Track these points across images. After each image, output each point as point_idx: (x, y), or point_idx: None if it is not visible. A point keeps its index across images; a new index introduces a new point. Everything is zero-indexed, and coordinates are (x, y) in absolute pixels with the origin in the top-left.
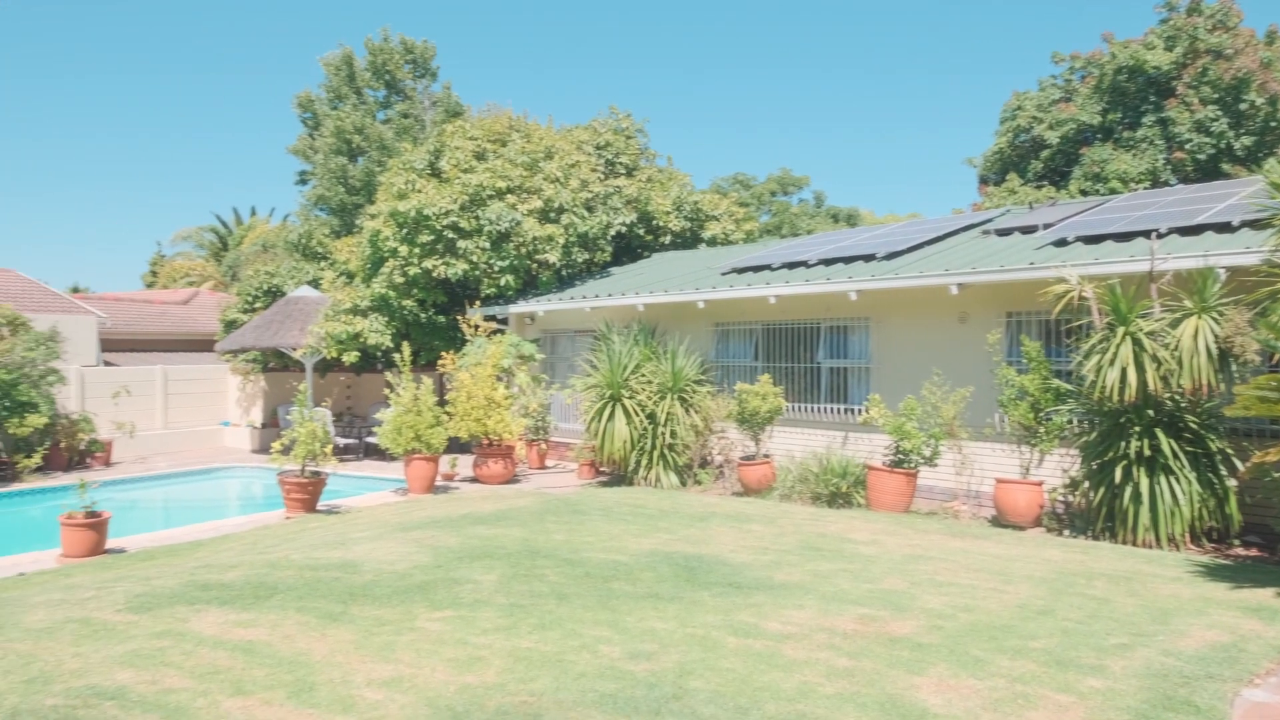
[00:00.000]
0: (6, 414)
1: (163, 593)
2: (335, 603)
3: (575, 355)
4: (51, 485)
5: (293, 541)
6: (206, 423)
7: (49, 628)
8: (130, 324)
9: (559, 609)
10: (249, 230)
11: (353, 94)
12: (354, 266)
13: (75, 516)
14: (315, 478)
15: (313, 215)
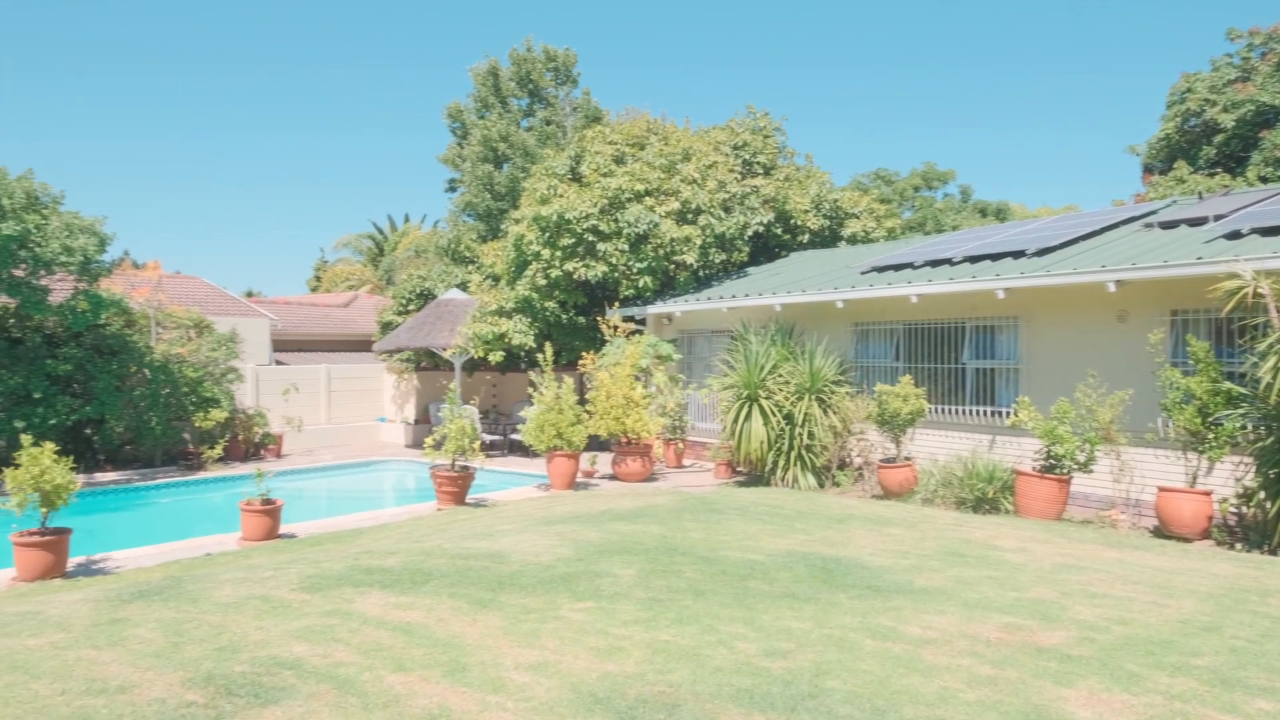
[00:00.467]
0: (194, 408)
1: (331, 575)
2: (485, 590)
3: (712, 355)
4: (231, 474)
5: (444, 532)
6: (365, 418)
7: (235, 603)
8: (297, 326)
9: (696, 605)
10: (402, 236)
11: (498, 103)
12: (499, 270)
13: (253, 503)
14: (464, 472)
15: (461, 221)
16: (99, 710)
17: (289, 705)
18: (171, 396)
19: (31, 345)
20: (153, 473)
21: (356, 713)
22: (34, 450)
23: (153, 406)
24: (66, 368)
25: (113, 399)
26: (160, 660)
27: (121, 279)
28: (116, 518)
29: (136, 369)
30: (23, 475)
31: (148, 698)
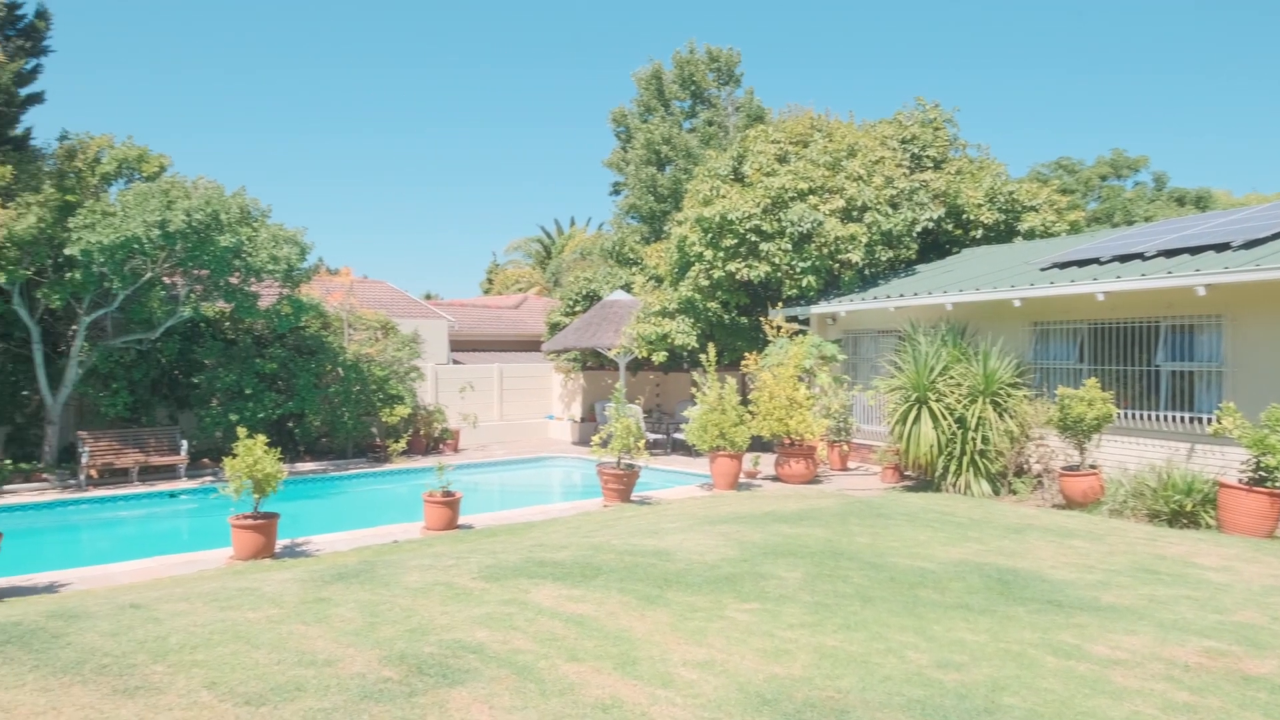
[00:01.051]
0: (380, 404)
1: (507, 566)
2: (652, 587)
3: (878, 356)
4: (413, 467)
5: (611, 528)
6: (534, 416)
7: (422, 588)
8: (472, 327)
9: (863, 611)
10: (569, 239)
11: (661, 106)
12: (662, 271)
13: (435, 495)
14: (630, 470)
15: (625, 223)
16: (309, 680)
17: (473, 687)
18: (361, 393)
19: (243, 346)
20: (345, 463)
21: (535, 698)
22: (248, 442)
23: (345, 402)
24: (272, 366)
25: (311, 395)
26: (359, 638)
27: (318, 284)
28: (315, 504)
29: (331, 368)
30: (239, 464)
31: (350, 672)
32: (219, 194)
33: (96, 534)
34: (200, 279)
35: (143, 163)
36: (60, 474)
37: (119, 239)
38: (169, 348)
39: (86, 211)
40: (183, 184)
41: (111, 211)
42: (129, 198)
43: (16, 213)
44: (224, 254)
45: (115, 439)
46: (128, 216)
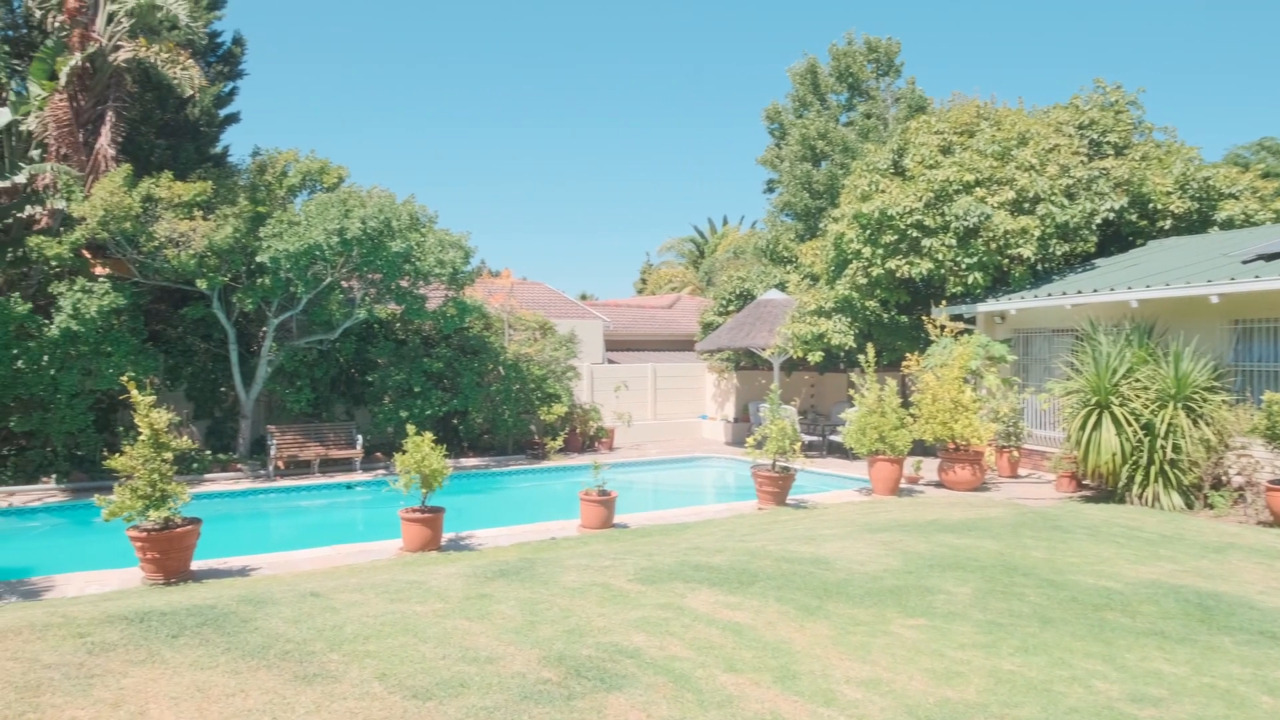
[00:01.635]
0: (539, 403)
1: (663, 569)
2: (811, 596)
3: (1052, 357)
4: (570, 464)
5: (767, 532)
6: (687, 415)
7: (579, 588)
8: (625, 326)
9: (1043, 633)
10: (722, 239)
11: (816, 100)
12: (818, 269)
13: (591, 494)
14: (785, 473)
15: (779, 221)
16: (472, 677)
17: (631, 693)
18: (521, 392)
19: (412, 346)
20: (505, 460)
21: (693, 709)
22: (416, 439)
23: (506, 401)
24: (438, 365)
25: (474, 393)
26: (519, 637)
27: (481, 286)
28: (478, 499)
29: (493, 367)
30: (407, 460)
31: (510, 670)
32: (390, 202)
33: (282, 521)
34: (374, 283)
35: (324, 174)
36: (252, 464)
37: (302, 246)
38: (346, 348)
39: (275, 221)
40: (359, 193)
41: (296, 221)
42: (311, 208)
43: (215, 224)
44: (395, 259)
45: (299, 433)
46: (310, 225)
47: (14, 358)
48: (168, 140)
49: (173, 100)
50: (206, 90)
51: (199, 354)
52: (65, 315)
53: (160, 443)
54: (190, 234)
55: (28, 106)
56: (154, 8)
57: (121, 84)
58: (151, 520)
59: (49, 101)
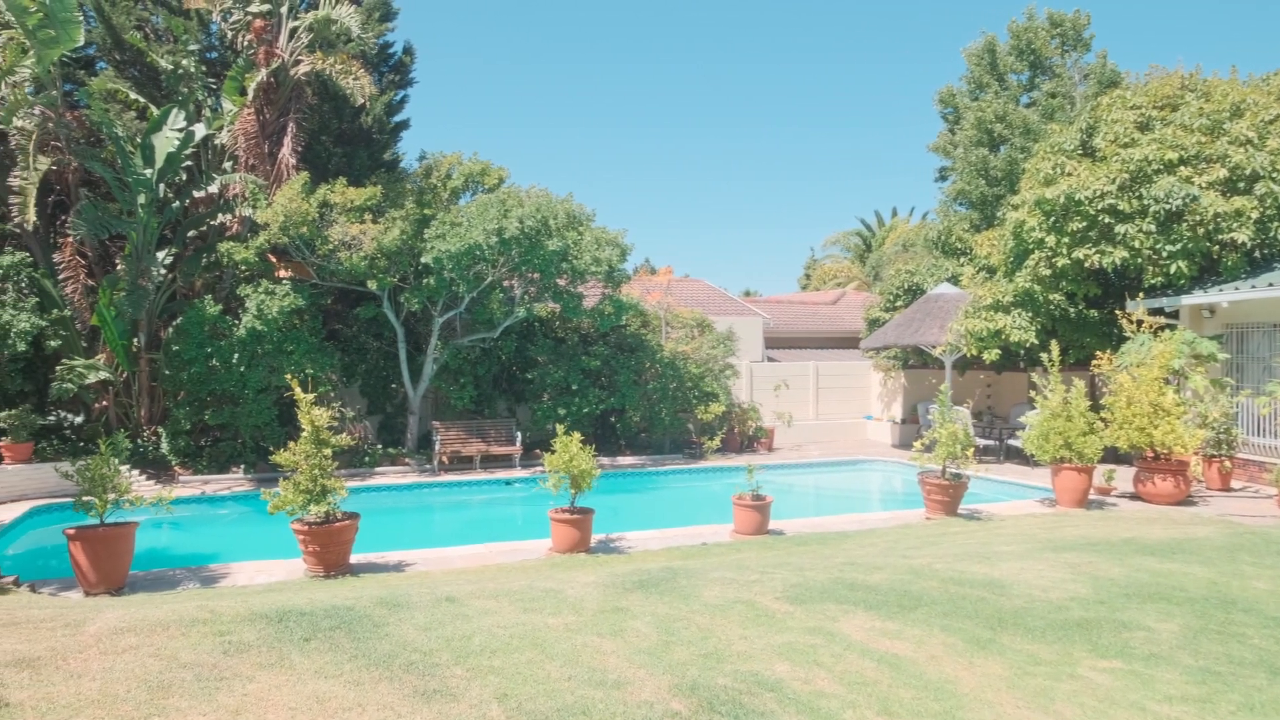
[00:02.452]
0: (696, 402)
1: (814, 586)
2: (982, 626)
3: (1273, 355)
4: (727, 465)
5: (934, 547)
6: (851, 415)
7: (721, 606)
8: (787, 324)
9: (1273, 688)
10: (890, 231)
11: (994, 81)
12: (994, 261)
13: (744, 498)
14: (956, 481)
15: (952, 211)
16: (596, 703)
17: None
18: (678, 390)
19: (571, 344)
20: (662, 459)
21: None
22: (565, 438)
23: (663, 399)
24: (596, 363)
25: (631, 391)
26: (651, 659)
27: (638, 284)
28: (632, 498)
29: (650, 365)
30: (556, 460)
31: (637, 699)
32: (548, 201)
33: (442, 516)
34: (533, 281)
35: (485, 176)
36: (418, 459)
37: (463, 246)
38: (507, 346)
39: (438, 223)
40: (517, 193)
41: (458, 222)
42: (472, 209)
43: (384, 227)
44: (552, 257)
45: (462, 429)
46: (471, 226)
47: (208, 356)
48: (344, 148)
49: (348, 110)
50: (378, 99)
51: (372, 352)
52: (250, 316)
53: (320, 439)
54: (360, 237)
55: (220, 121)
56: (329, 21)
57: (301, 96)
58: (312, 514)
59: (239, 116)
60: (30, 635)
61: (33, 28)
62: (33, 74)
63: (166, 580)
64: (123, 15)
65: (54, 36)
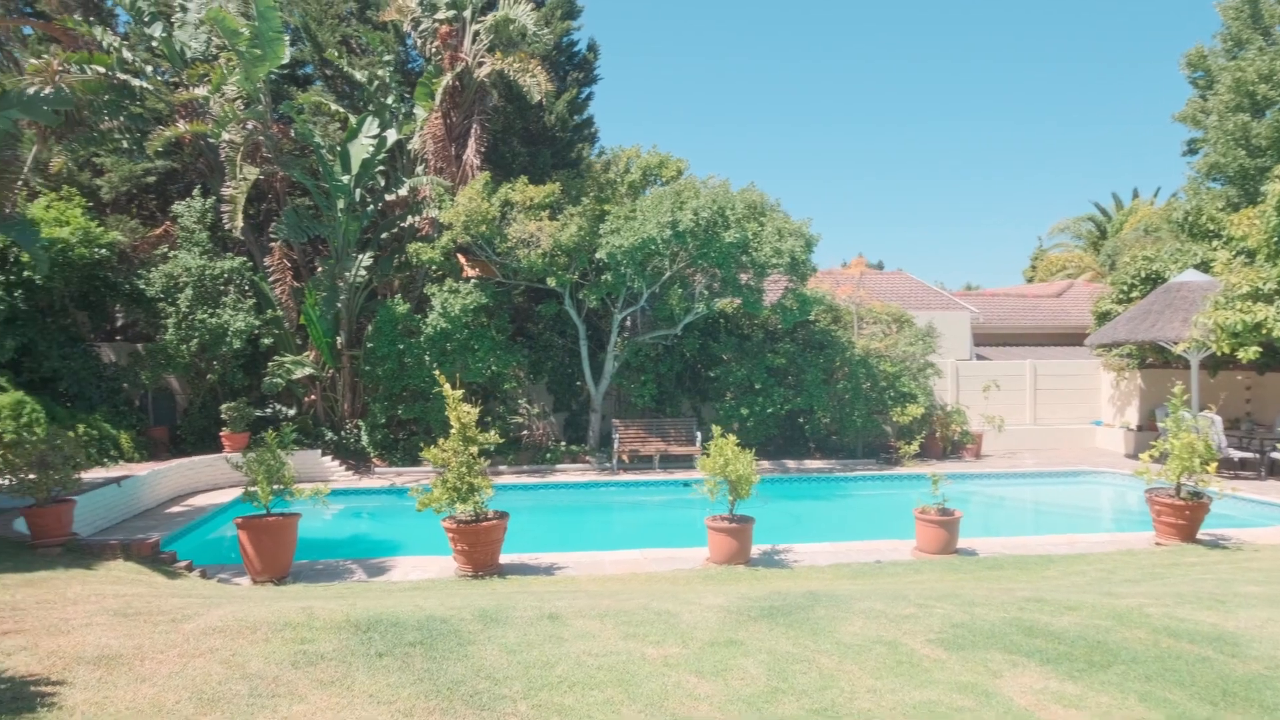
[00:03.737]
0: (891, 403)
1: (981, 627)
2: (1197, 699)
3: None
4: (925, 473)
5: (1154, 582)
6: (1076, 420)
7: (857, 645)
8: (1001, 318)
9: None
10: (1129, 215)
11: (1257, 36)
12: (1255, 242)
13: (928, 511)
14: (1195, 500)
15: (1203, 188)
16: None
17: None
18: (871, 390)
19: (755, 341)
20: (853, 464)
21: None
22: (720, 440)
23: (854, 400)
24: (781, 361)
25: (819, 391)
26: (748, 710)
27: (827, 277)
28: (815, 505)
29: (840, 363)
30: (711, 464)
31: None
32: (724, 191)
33: (611, 516)
34: (714, 276)
35: (663, 168)
36: (599, 457)
37: (636, 241)
38: (689, 343)
39: (613, 218)
40: (694, 184)
41: (632, 216)
42: (646, 202)
43: (562, 224)
44: (729, 250)
45: (642, 427)
46: (645, 220)
47: (400, 353)
48: (528, 148)
49: (531, 110)
50: (558, 97)
51: (557, 349)
52: (436, 314)
53: (468, 436)
54: (537, 234)
55: (410, 127)
56: (508, 21)
57: (485, 99)
58: (463, 513)
59: (427, 121)
60: (133, 629)
61: (243, 48)
62: (241, 90)
63: (331, 571)
64: (328, 33)
65: (260, 55)
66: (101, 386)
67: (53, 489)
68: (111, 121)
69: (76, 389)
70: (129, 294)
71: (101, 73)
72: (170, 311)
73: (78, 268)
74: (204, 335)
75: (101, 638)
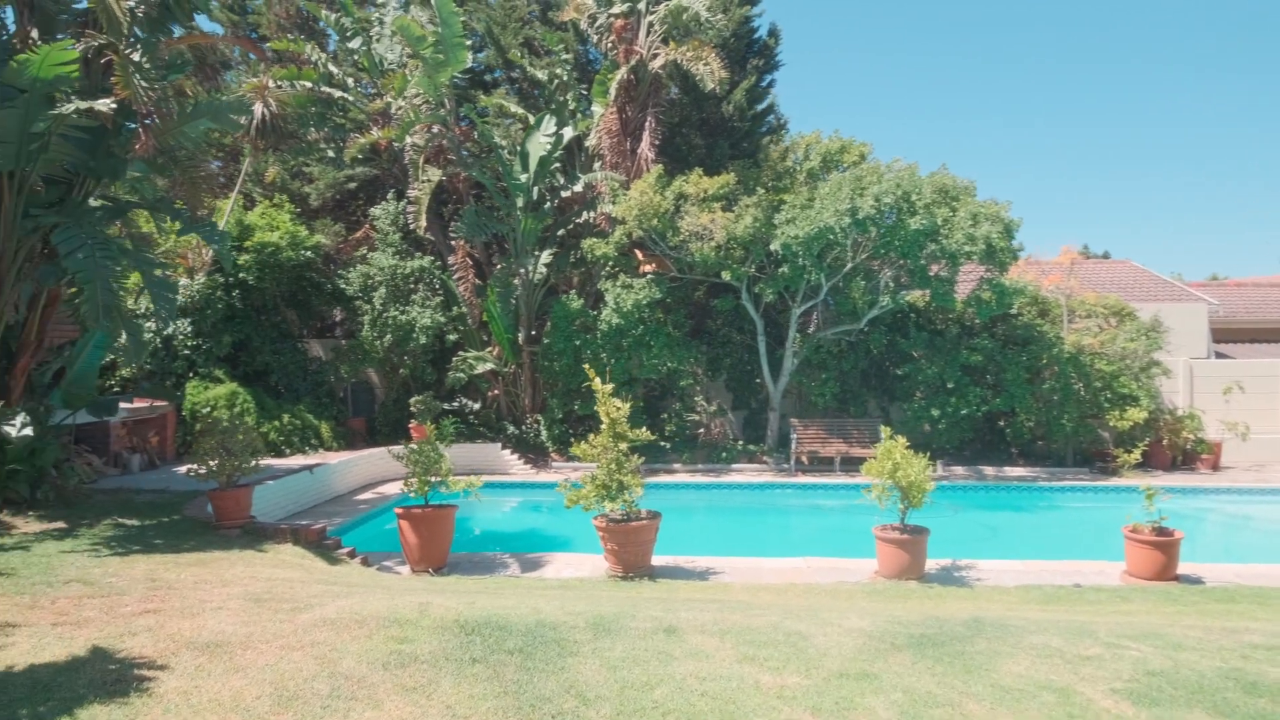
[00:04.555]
0: (1108, 406)
1: (1183, 679)
2: None
3: None
4: (1147, 485)
5: None
6: None
7: (1019, 690)
8: (1249, 311)
9: None
10: None
11: None
12: None
13: (1141, 530)
14: None
15: None
16: None
17: None
18: (1084, 391)
19: (949, 337)
20: (1060, 472)
21: None
22: (889, 442)
23: (1064, 401)
24: (977, 358)
25: (1021, 392)
26: None
27: (1032, 266)
28: (1012, 517)
29: (1046, 360)
30: (877, 467)
31: None
32: (910, 175)
33: (783, 520)
34: (902, 267)
35: (844, 154)
36: (776, 458)
37: (813, 230)
38: (875, 339)
39: (788, 207)
40: (877, 169)
41: (808, 204)
42: (825, 189)
43: (736, 216)
44: (915, 237)
45: (822, 428)
46: (822, 208)
47: (577, 349)
48: (706, 140)
49: (709, 101)
50: (737, 85)
51: (735, 346)
52: (609, 309)
53: (618, 432)
54: (710, 227)
55: (585, 123)
56: (681, 9)
57: (659, 90)
58: (610, 510)
59: (603, 116)
60: (254, 616)
61: (426, 54)
62: (426, 95)
63: (487, 564)
64: (511, 36)
65: (444, 60)
66: (307, 379)
67: (234, 475)
68: (318, 133)
69: (285, 381)
70: (331, 293)
71: (308, 87)
72: (366, 309)
73: (286, 269)
74: (395, 331)
75: (222, 623)
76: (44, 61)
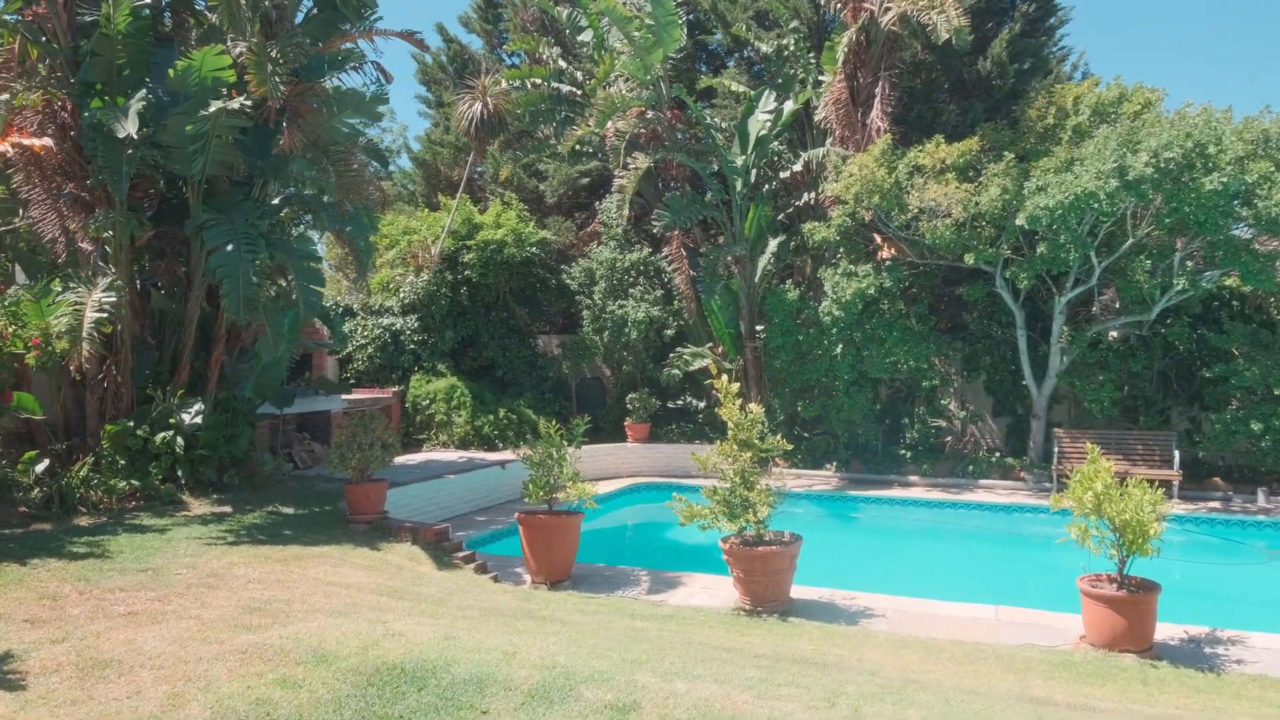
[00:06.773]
0: None
1: None
2: None
3: None
4: None
5: None
6: None
7: None
8: None
9: None
10: None
11: None
12: None
13: None
14: None
15: None
16: None
17: None
18: None
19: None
20: None
21: None
22: (1092, 463)
23: None
24: None
25: None
26: None
27: None
28: None
29: None
30: (1078, 493)
31: None
32: (1205, 123)
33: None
34: (1204, 242)
35: (1124, 103)
36: (1036, 475)
37: (1069, 198)
38: (1175, 332)
39: (1040, 171)
40: (1158, 118)
41: (1065, 167)
42: (1088, 148)
43: (979, 186)
44: (1211, 200)
45: (1094, 440)
46: (1082, 170)
47: (799, 344)
48: (959, 102)
49: (960, 58)
50: (997, 36)
51: (995, 342)
52: (828, 300)
53: (743, 440)
54: (943, 200)
55: (805, 94)
56: None
57: (894, 51)
58: (732, 531)
59: (830, 85)
60: (194, 632)
61: (636, 35)
62: (637, 78)
63: (615, 580)
64: (739, 10)
65: (655, 41)
66: (533, 375)
67: (366, 470)
68: (548, 129)
69: (510, 376)
70: (555, 289)
71: (539, 84)
72: (588, 304)
73: (512, 266)
74: (611, 327)
75: (162, 635)
76: (203, 65)
